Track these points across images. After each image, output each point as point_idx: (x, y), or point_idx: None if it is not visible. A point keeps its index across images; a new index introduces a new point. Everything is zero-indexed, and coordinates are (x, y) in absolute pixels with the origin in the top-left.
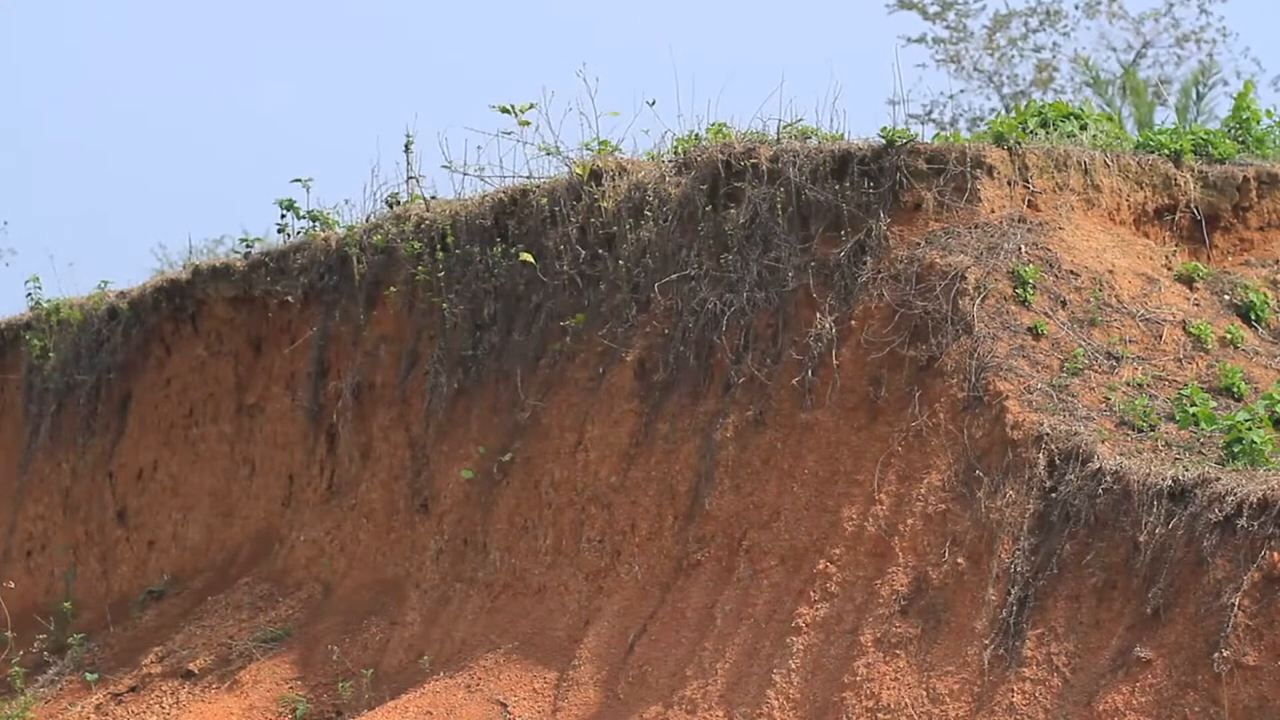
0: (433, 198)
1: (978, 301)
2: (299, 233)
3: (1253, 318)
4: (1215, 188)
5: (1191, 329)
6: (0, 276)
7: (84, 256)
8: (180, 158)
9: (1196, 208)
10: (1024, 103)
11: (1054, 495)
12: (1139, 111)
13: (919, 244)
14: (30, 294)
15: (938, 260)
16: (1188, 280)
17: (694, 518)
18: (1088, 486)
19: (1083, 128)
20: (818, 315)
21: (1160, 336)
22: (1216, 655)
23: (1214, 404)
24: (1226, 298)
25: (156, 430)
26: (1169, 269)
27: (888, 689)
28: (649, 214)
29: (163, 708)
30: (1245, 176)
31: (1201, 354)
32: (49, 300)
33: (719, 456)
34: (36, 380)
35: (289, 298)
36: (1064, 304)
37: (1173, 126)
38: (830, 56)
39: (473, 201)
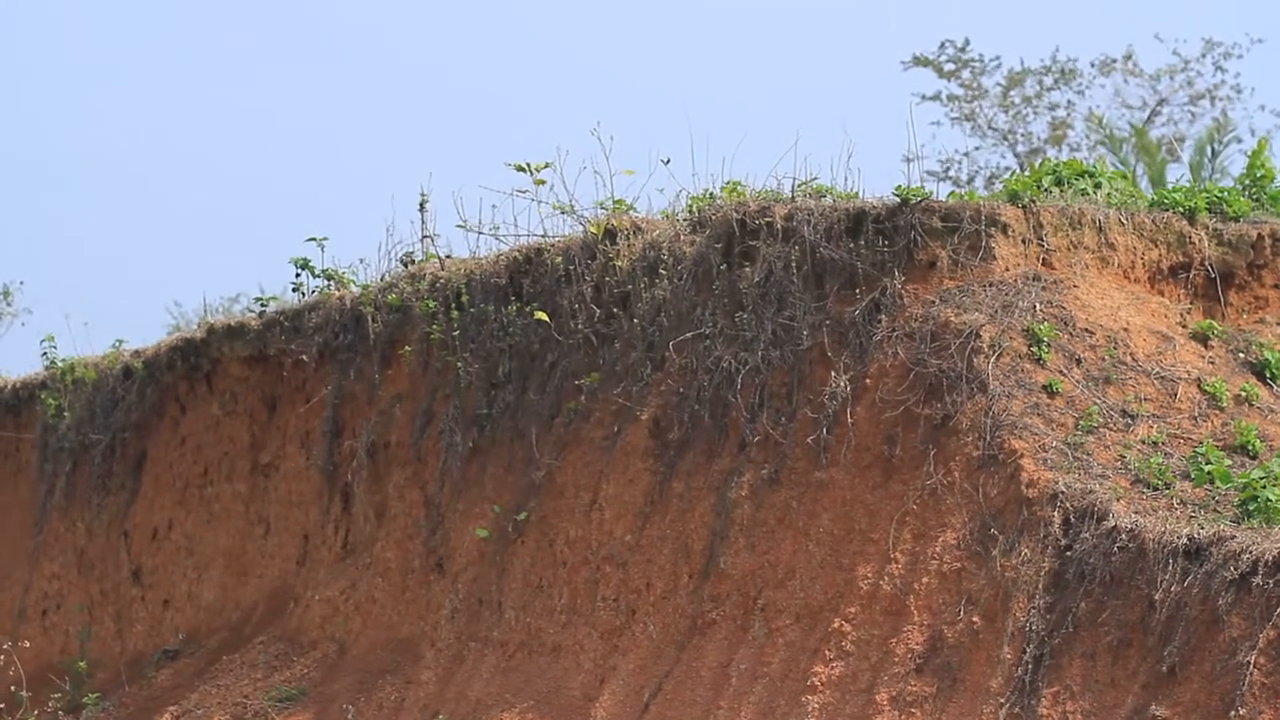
0: (447, 256)
1: (992, 359)
2: (314, 291)
3: (1268, 375)
4: (1230, 245)
5: (1206, 387)
6: (16, 336)
7: (99, 316)
8: (196, 217)
9: (1211, 265)
10: (1038, 160)
11: (1069, 553)
12: (1152, 169)
13: (934, 302)
14: (45, 353)
15: (952, 318)
16: (1203, 338)
17: (709, 576)
18: (1103, 544)
19: (1097, 186)
20: (832, 374)
21: (1175, 394)
22: (1232, 714)
23: (1229, 462)
24: (1241, 355)
25: (171, 489)
26: (1184, 327)
27: None
28: (664, 272)
29: None
30: (1260, 234)
31: (1216, 412)
32: (64, 359)
33: (734, 515)
34: (51, 439)
35: (304, 356)
36: (1079, 362)
37: (1187, 184)
38: (844, 114)
39: (487, 260)
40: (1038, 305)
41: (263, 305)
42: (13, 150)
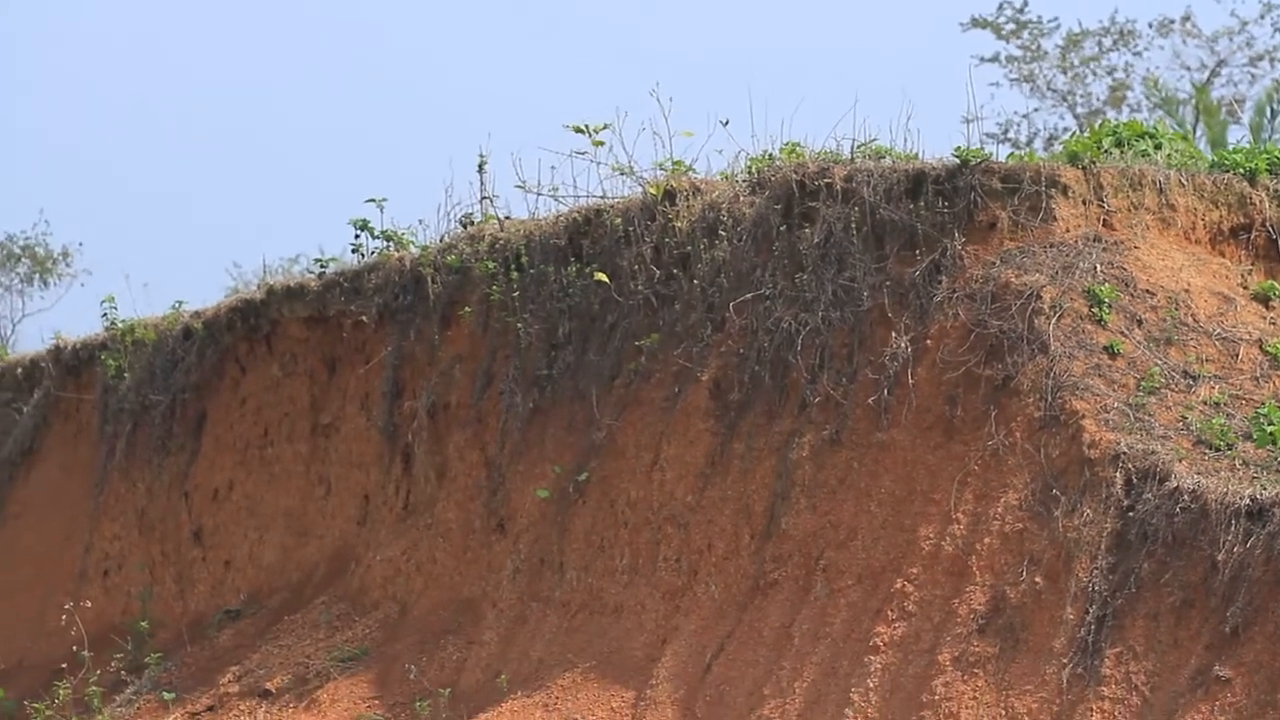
0: (507, 217)
1: (1053, 320)
2: (373, 253)
3: None
4: None
5: (1268, 348)
6: (76, 297)
7: (159, 277)
8: (256, 178)
9: (1272, 226)
10: (1098, 122)
11: (1131, 514)
12: (1212, 130)
13: (994, 263)
14: (105, 314)
15: (1013, 279)
16: (1264, 299)
17: (770, 537)
18: (1165, 505)
19: (1157, 147)
20: (893, 334)
21: (1237, 355)
22: None
23: None
24: None
25: (232, 450)
26: (1245, 288)
27: (966, 708)
28: (723, 234)
29: None
30: None
31: (1278, 373)
32: (124, 320)
33: (795, 476)
34: (112, 400)
35: (363, 317)
36: (1140, 323)
37: (1247, 145)
38: (903, 76)
39: (547, 221)
40: (1098, 266)
41: (322, 266)
42: (74, 112)
